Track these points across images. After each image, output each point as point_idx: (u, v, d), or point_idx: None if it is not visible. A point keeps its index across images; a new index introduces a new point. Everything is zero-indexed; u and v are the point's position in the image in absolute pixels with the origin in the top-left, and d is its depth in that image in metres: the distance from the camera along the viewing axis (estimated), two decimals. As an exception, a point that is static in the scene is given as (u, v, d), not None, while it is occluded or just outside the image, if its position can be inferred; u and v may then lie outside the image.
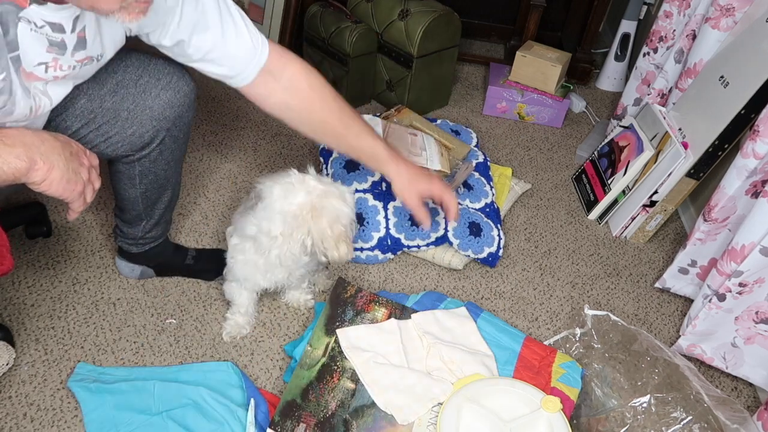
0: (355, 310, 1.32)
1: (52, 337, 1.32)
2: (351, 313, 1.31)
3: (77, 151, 0.97)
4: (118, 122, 1.12)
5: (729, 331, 1.37)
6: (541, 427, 1.13)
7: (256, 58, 1.10)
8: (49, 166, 0.90)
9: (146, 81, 1.11)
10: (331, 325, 1.28)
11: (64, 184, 0.93)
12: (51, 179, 0.91)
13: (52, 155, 0.91)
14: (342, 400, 1.17)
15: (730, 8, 1.57)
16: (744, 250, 1.28)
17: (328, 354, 1.23)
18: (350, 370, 1.21)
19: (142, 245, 1.39)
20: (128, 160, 1.20)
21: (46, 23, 0.86)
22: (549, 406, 1.14)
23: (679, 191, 1.64)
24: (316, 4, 2.16)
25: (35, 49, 0.88)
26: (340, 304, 1.33)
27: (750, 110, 1.46)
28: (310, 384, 1.19)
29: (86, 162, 0.98)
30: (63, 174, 0.92)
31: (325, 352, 1.24)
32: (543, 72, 2.15)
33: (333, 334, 1.26)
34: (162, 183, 1.28)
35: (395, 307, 1.34)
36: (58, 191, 0.93)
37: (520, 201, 1.86)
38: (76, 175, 0.95)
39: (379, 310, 1.32)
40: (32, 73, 0.91)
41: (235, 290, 1.33)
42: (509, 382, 1.21)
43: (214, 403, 1.18)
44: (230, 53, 1.08)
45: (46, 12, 0.85)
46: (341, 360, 1.23)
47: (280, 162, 1.88)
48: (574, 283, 1.63)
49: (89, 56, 0.97)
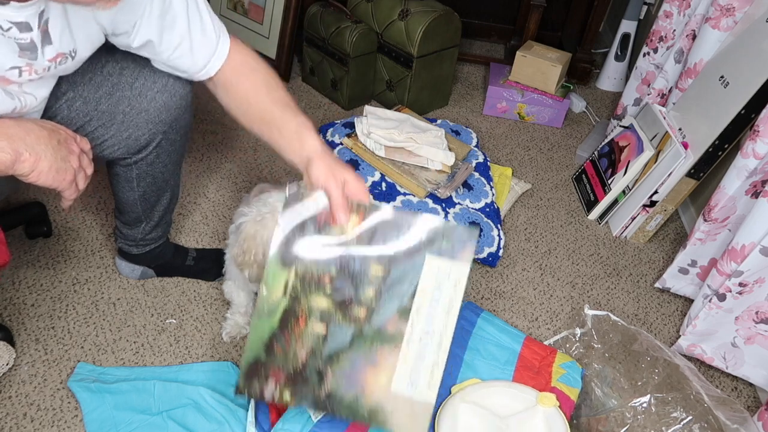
0: (316, 224, 0.98)
1: (52, 337, 1.32)
2: (312, 228, 0.98)
3: (66, 137, 0.95)
4: (113, 125, 1.12)
5: (729, 331, 1.37)
6: (538, 421, 1.13)
7: (218, 52, 1.07)
8: (35, 157, 0.89)
9: (142, 84, 1.10)
10: (288, 252, 0.97)
11: (53, 174, 0.92)
12: (39, 170, 0.90)
13: (38, 145, 0.90)
14: (313, 347, 0.98)
15: (730, 8, 1.57)
16: (744, 250, 1.28)
17: (289, 294, 0.98)
18: (317, 310, 0.98)
19: (143, 246, 1.39)
20: (125, 163, 1.20)
21: (12, 24, 0.83)
22: (545, 401, 1.14)
23: (679, 191, 1.64)
24: (316, 4, 2.16)
25: (6, 55, 0.85)
26: (296, 215, 0.98)
27: (750, 110, 1.46)
28: (272, 335, 0.98)
29: (76, 149, 0.97)
30: (51, 164, 0.91)
31: (284, 292, 0.98)
32: (543, 72, 2.15)
33: (291, 265, 0.97)
34: (160, 185, 1.28)
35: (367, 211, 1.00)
36: (47, 181, 0.92)
37: (520, 201, 1.86)
38: (65, 164, 0.93)
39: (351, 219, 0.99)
40: (4, 77, 0.89)
41: (234, 290, 1.34)
42: (506, 383, 1.22)
43: (214, 403, 1.18)
44: (196, 48, 1.05)
45: (10, 12, 0.81)
46: (305, 297, 0.98)
47: (280, 162, 1.88)
48: (574, 283, 1.63)
49: (61, 53, 0.93)
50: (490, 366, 1.26)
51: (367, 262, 0.98)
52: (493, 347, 1.30)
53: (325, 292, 0.99)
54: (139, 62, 1.11)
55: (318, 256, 0.98)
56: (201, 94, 1.21)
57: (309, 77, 2.27)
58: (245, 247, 1.15)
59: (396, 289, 0.99)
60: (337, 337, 0.99)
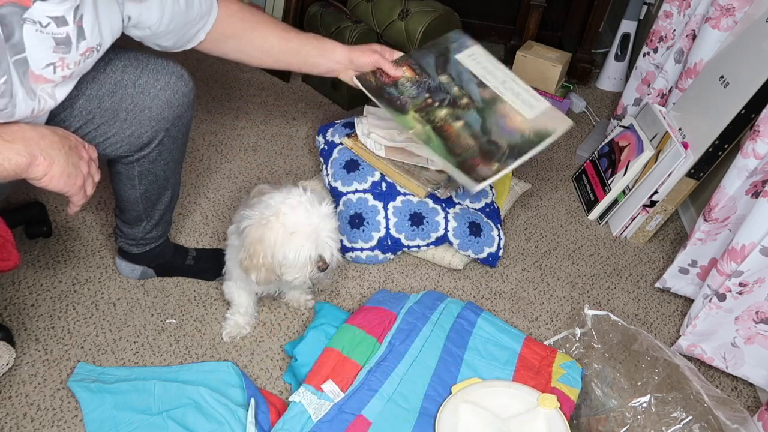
0: (391, 88, 1.38)
1: (52, 337, 1.32)
2: (392, 91, 1.38)
3: (76, 144, 0.97)
4: (116, 122, 1.12)
5: (729, 331, 1.37)
6: (539, 423, 1.13)
7: (205, 19, 1.15)
8: (49, 162, 0.91)
9: (145, 81, 1.11)
10: (396, 106, 1.37)
11: (64, 178, 0.93)
12: (52, 174, 0.92)
13: (51, 150, 0.91)
14: (470, 134, 1.38)
15: (730, 8, 1.57)
16: (744, 250, 1.28)
17: (424, 123, 1.36)
18: (447, 116, 1.39)
19: (143, 246, 1.39)
20: (127, 161, 1.20)
21: (51, 20, 0.85)
22: (546, 402, 1.14)
23: (679, 191, 1.64)
24: (316, 4, 2.16)
25: (42, 51, 0.88)
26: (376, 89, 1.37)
27: (750, 110, 1.46)
28: (446, 146, 1.34)
29: (85, 155, 0.98)
30: (63, 169, 0.92)
31: (421, 124, 1.36)
32: (543, 72, 2.15)
33: (406, 112, 1.36)
34: (162, 183, 1.28)
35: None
36: (59, 186, 0.94)
37: (520, 201, 1.87)
38: (76, 169, 0.95)
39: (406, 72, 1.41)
40: (41, 76, 0.91)
41: (234, 290, 1.34)
42: (506, 383, 1.22)
43: (215, 403, 1.18)
44: (187, 21, 1.11)
45: (49, 7, 0.84)
46: (433, 116, 1.38)
47: (280, 162, 1.88)
48: (574, 283, 1.63)
49: (90, 47, 0.96)
50: (491, 366, 1.26)
51: (436, 78, 1.43)
52: (494, 347, 1.30)
53: (437, 107, 1.39)
54: (141, 60, 1.12)
55: (411, 94, 1.39)
56: (202, 94, 1.21)
57: (309, 77, 2.27)
58: (252, 251, 1.15)
59: (464, 78, 1.45)
60: (472, 120, 1.38)
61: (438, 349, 1.27)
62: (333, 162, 1.66)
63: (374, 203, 1.58)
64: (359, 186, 1.60)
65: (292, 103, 2.18)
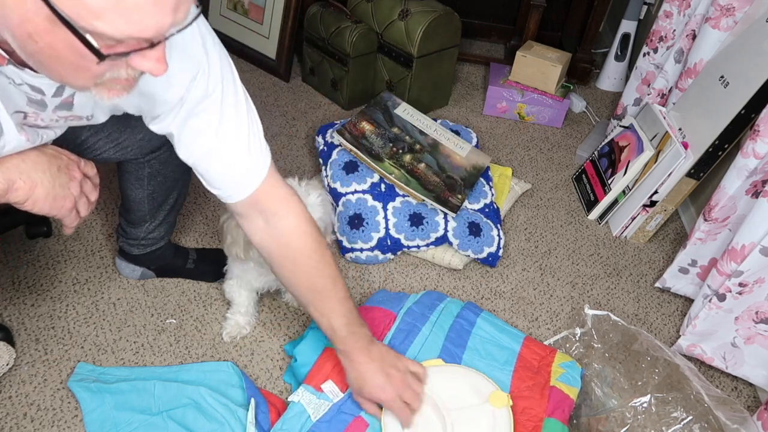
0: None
1: (52, 337, 1.32)
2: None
3: (67, 163, 0.91)
4: (127, 129, 1.11)
5: (729, 331, 1.37)
6: (484, 421, 1.10)
7: (246, 184, 0.98)
8: (30, 185, 0.85)
9: None
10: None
11: (50, 201, 0.87)
12: (35, 198, 0.86)
13: (34, 173, 0.85)
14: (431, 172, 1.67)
15: (730, 8, 1.57)
16: (744, 250, 1.28)
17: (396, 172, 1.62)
18: (410, 162, 1.66)
19: (144, 247, 1.39)
20: (137, 161, 1.19)
21: (25, 83, 0.77)
22: (496, 401, 1.11)
23: (679, 191, 1.64)
24: (316, 4, 2.16)
25: (14, 99, 0.79)
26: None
27: (750, 110, 1.46)
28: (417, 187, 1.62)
29: (78, 175, 0.92)
30: (48, 191, 0.87)
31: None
32: (543, 72, 2.15)
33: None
34: (170, 185, 1.27)
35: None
36: (44, 209, 0.88)
37: (520, 201, 1.86)
38: (65, 190, 0.89)
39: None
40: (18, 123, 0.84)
41: (234, 289, 1.34)
42: (468, 370, 1.19)
43: (215, 403, 1.18)
44: (214, 170, 0.97)
45: (25, 76, 0.75)
46: (401, 164, 1.64)
47: (281, 162, 1.88)
48: (574, 283, 1.63)
49: (76, 115, 0.89)
50: (490, 366, 1.26)
51: (390, 131, 1.73)
52: (493, 347, 1.30)
53: (402, 153, 1.67)
54: None
55: (379, 144, 1.69)
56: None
57: (309, 77, 2.27)
58: (229, 226, 1.19)
59: (408, 128, 1.75)
60: (429, 161, 1.67)
61: (437, 349, 1.27)
62: (332, 163, 1.66)
63: (373, 204, 1.58)
64: (358, 187, 1.60)
65: (292, 103, 2.18)
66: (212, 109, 0.90)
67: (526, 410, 1.18)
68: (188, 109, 0.90)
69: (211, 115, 0.91)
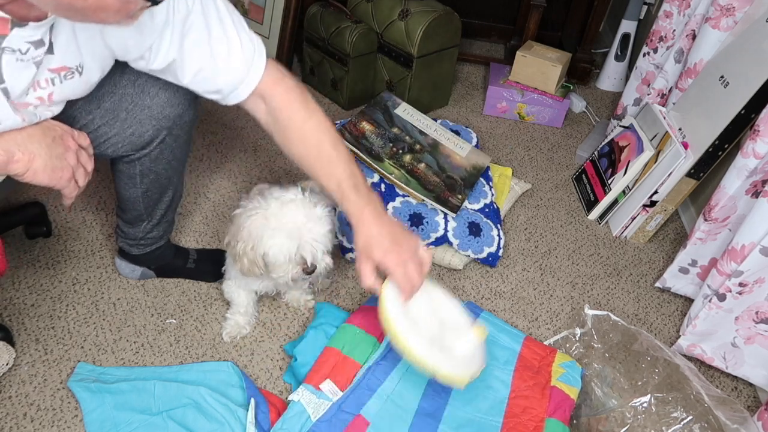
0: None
1: (52, 337, 1.32)
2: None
3: (61, 134, 0.93)
4: (117, 123, 1.11)
5: (729, 331, 1.37)
6: (470, 336, 1.15)
7: (248, 78, 1.04)
8: (29, 156, 0.88)
9: (144, 80, 1.10)
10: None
11: (49, 172, 0.90)
12: (34, 169, 0.89)
13: (30, 144, 0.88)
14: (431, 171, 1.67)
15: (730, 8, 1.57)
16: (744, 250, 1.28)
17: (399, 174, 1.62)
18: (410, 163, 1.66)
19: (143, 246, 1.39)
20: (129, 159, 1.20)
21: (30, 44, 0.81)
22: (478, 331, 1.15)
23: (679, 191, 1.64)
24: (316, 4, 2.16)
25: (22, 80, 0.83)
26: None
27: (750, 110, 1.46)
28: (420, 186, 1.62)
29: (73, 145, 0.95)
30: (46, 162, 0.89)
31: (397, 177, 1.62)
32: (543, 72, 2.15)
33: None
34: (163, 183, 1.27)
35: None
36: (44, 180, 0.91)
37: (520, 201, 1.86)
38: (62, 161, 0.92)
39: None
40: (21, 102, 0.87)
41: (233, 289, 1.34)
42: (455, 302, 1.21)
43: (215, 403, 1.18)
44: (220, 74, 1.02)
45: (27, 32, 0.79)
46: (402, 165, 1.65)
47: (280, 162, 1.88)
48: (574, 283, 1.63)
49: (65, 66, 0.90)
50: (490, 365, 1.26)
51: (391, 131, 1.74)
52: (493, 347, 1.30)
53: (402, 153, 1.67)
54: None
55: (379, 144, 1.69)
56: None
57: (309, 77, 2.27)
58: (233, 239, 1.18)
59: (408, 128, 1.76)
60: (429, 161, 1.67)
61: (438, 349, 1.27)
62: (333, 162, 1.66)
63: (374, 203, 1.58)
64: (359, 186, 1.60)
65: (292, 103, 2.18)
66: (198, 21, 0.96)
67: (527, 410, 1.18)
68: (179, 30, 0.94)
69: (200, 26, 0.96)
